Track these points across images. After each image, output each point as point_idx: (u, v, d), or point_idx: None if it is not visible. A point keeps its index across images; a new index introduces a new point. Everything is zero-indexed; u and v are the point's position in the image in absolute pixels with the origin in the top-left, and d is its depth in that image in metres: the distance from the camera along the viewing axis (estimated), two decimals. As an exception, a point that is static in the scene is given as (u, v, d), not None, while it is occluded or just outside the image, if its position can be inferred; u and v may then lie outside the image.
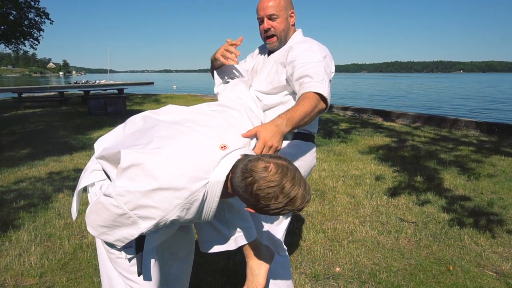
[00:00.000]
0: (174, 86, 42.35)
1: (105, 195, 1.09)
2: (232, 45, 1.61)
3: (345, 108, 11.46)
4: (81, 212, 3.32)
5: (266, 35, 1.69)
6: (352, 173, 4.55)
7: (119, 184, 1.07)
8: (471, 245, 2.67)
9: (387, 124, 8.80)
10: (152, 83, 55.94)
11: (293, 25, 1.75)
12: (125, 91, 16.50)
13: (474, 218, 3.12)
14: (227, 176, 1.12)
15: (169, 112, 1.35)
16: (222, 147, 1.15)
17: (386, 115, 9.93)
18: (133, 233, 1.10)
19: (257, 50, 1.93)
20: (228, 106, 1.39)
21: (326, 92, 1.45)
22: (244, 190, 1.08)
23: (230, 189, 1.15)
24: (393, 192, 3.81)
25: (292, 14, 1.72)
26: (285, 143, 1.64)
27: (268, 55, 1.78)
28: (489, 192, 3.83)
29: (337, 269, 2.38)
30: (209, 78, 1.71)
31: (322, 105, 1.46)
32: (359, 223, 3.05)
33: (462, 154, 5.52)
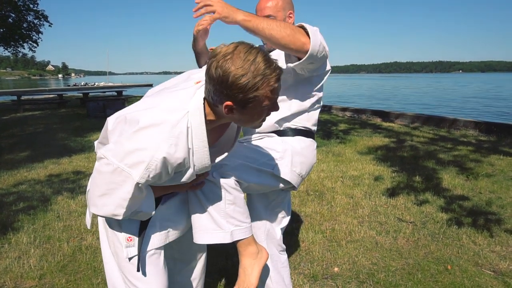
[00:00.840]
0: (173, 88, 42.34)
1: (97, 158, 1.09)
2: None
3: (344, 109, 11.48)
4: (80, 214, 3.34)
5: None
6: (351, 173, 4.56)
7: (109, 144, 1.11)
8: (469, 244, 2.68)
9: (386, 124, 8.82)
10: (151, 85, 55.87)
11: None
12: (124, 93, 16.52)
13: (472, 218, 3.13)
14: (205, 101, 1.13)
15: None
16: (197, 82, 1.18)
17: (385, 115, 9.94)
18: (129, 189, 1.06)
19: None
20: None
21: (312, 31, 1.38)
22: (209, 80, 1.05)
23: (209, 112, 1.14)
24: (392, 192, 3.82)
25: (291, 15, 1.69)
26: (287, 138, 1.63)
27: None
28: (487, 191, 3.84)
29: (336, 269, 2.38)
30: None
31: (301, 39, 1.36)
32: (358, 224, 3.06)
33: (461, 154, 5.53)
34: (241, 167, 1.44)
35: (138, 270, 1.27)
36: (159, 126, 1.05)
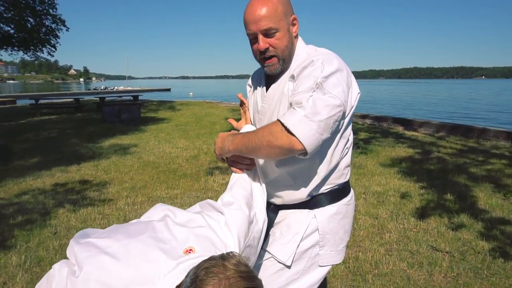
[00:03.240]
0: (191, 93, 42.70)
1: (53, 268, 0.96)
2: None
3: (364, 116, 11.03)
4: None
5: (263, 56, 1.21)
6: (374, 189, 4.17)
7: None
8: (519, 283, 2.28)
9: (409, 133, 8.34)
10: (169, 90, 56.55)
11: (297, 36, 1.26)
12: (141, 97, 16.50)
13: (519, 248, 2.71)
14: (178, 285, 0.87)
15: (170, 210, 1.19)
16: (186, 251, 0.96)
17: (407, 123, 9.46)
18: None
19: (254, 75, 1.47)
20: (217, 209, 1.18)
21: (291, 123, 1.01)
22: None
23: None
24: (421, 213, 3.43)
25: (295, 21, 1.23)
26: (321, 214, 1.28)
27: (267, 83, 1.32)
28: (531, 214, 3.40)
29: (361, 310, 2.03)
30: (225, 85, 1.39)
31: (283, 141, 1.02)
32: (385, 252, 2.69)
33: (495, 168, 5.06)
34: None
35: None
36: None
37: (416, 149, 6.41)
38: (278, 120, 1.05)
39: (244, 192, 1.25)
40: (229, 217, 1.10)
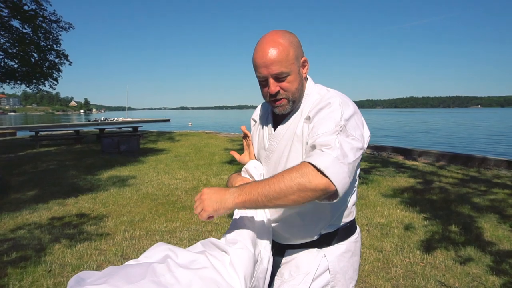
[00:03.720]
0: (190, 124, 43.06)
1: None
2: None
3: (363, 146, 11.05)
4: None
5: (273, 99, 1.20)
6: (377, 221, 4.10)
7: None
8: (534, 321, 2.18)
9: (409, 163, 8.32)
10: (168, 120, 57.08)
11: (306, 78, 1.25)
12: (140, 128, 16.59)
13: (530, 282, 2.62)
14: None
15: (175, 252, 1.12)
16: None
17: (407, 153, 9.46)
18: None
19: (258, 110, 1.45)
20: (221, 248, 1.12)
21: (324, 165, 0.95)
22: None
23: None
24: (427, 246, 3.34)
25: (305, 63, 1.22)
26: (330, 254, 1.24)
27: (275, 121, 1.31)
28: (539, 246, 3.31)
29: None
30: (224, 115, 1.39)
31: (318, 183, 0.95)
32: (392, 288, 2.60)
33: (498, 198, 5.00)
34: None
35: None
36: None
37: (417, 178, 6.37)
38: (308, 162, 0.98)
39: (248, 229, 1.20)
40: (234, 257, 1.05)
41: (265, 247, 1.20)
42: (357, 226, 1.36)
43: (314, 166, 0.96)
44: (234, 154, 1.53)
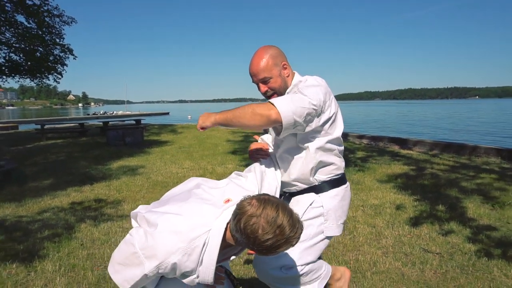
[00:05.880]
0: (189, 116, 43.26)
1: (130, 231, 1.34)
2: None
3: (361, 136, 11.44)
4: (103, 242, 3.38)
5: (266, 96, 1.72)
6: (372, 202, 4.50)
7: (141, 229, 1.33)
8: (501, 278, 2.58)
9: (404, 152, 8.72)
10: (168, 113, 57.21)
11: (289, 75, 1.73)
12: (142, 121, 16.91)
13: (502, 249, 3.02)
14: (227, 225, 1.26)
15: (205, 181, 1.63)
16: (226, 201, 1.35)
17: (402, 142, 9.86)
18: (137, 273, 1.24)
19: None
20: (241, 174, 1.68)
21: (277, 103, 1.44)
22: (236, 230, 1.20)
23: (229, 237, 1.27)
24: (415, 222, 3.74)
25: (285, 66, 1.70)
26: (324, 196, 1.71)
27: None
28: (515, 221, 3.72)
29: (362, 302, 2.32)
30: (223, 108, 1.82)
31: (266, 111, 1.44)
32: (382, 254, 3.00)
33: (484, 182, 5.40)
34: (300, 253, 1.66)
35: None
36: (180, 235, 1.22)
37: (411, 166, 6.76)
38: (269, 101, 1.50)
39: (259, 168, 1.70)
40: (248, 175, 1.63)
41: (273, 178, 1.70)
42: (347, 180, 1.83)
43: (271, 103, 1.47)
44: (256, 138, 2.09)
